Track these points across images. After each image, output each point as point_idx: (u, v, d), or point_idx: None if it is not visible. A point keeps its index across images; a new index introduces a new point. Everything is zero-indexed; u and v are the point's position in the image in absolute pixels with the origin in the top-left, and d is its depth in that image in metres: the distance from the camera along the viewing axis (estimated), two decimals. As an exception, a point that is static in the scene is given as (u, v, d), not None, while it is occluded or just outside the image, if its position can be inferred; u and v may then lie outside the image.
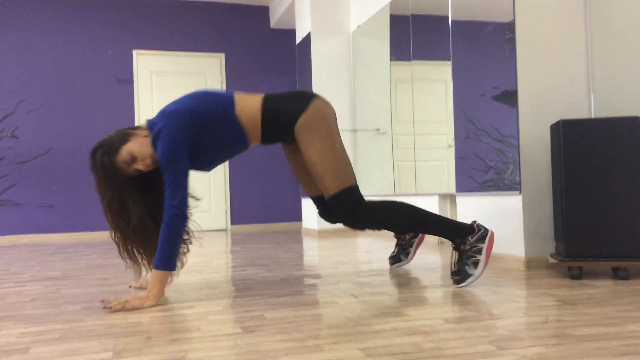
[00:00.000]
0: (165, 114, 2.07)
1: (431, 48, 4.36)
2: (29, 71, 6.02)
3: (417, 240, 2.76)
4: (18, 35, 6.02)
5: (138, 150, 2.07)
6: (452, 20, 3.23)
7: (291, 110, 2.16)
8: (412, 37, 4.47)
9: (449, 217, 4.03)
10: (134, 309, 1.89)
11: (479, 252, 2.15)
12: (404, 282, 2.31)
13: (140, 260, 2.20)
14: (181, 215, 2.00)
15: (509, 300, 1.88)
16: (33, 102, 6.01)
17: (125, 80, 6.33)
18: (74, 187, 6.09)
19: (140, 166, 2.08)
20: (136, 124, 5.41)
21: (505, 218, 2.77)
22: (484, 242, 2.16)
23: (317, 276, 2.57)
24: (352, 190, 2.15)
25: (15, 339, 1.54)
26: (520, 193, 2.65)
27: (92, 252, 4.29)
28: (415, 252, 2.76)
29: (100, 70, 6.26)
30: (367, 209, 2.14)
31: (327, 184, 2.14)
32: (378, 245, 3.99)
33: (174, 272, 2.04)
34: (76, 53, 6.19)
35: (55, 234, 5.98)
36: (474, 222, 2.22)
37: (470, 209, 3.08)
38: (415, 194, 4.40)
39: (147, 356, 1.32)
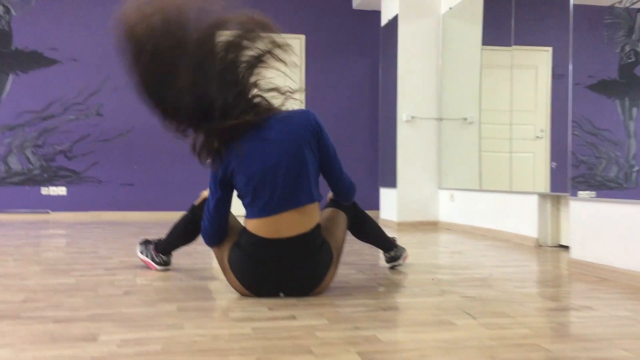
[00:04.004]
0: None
1: (523, 32, 4.07)
2: (115, 48, 6.06)
3: None
4: (105, 11, 6.07)
5: None
6: (573, 4, 2.91)
7: None
8: (513, 19, 4.13)
9: (549, 221, 3.72)
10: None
11: None
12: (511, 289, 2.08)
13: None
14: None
15: (656, 335, 1.62)
16: (118, 80, 6.06)
17: (206, 61, 6.29)
18: (154, 167, 6.15)
19: None
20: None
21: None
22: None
23: (417, 284, 2.38)
24: None
25: (116, 348, 1.44)
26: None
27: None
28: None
29: (182, 49, 6.23)
30: None
31: None
32: (459, 241, 3.74)
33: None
34: (159, 32, 6.19)
35: (135, 212, 6.07)
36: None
37: (583, 214, 2.78)
38: (510, 192, 4.10)
39: (263, 388, 1.18)
